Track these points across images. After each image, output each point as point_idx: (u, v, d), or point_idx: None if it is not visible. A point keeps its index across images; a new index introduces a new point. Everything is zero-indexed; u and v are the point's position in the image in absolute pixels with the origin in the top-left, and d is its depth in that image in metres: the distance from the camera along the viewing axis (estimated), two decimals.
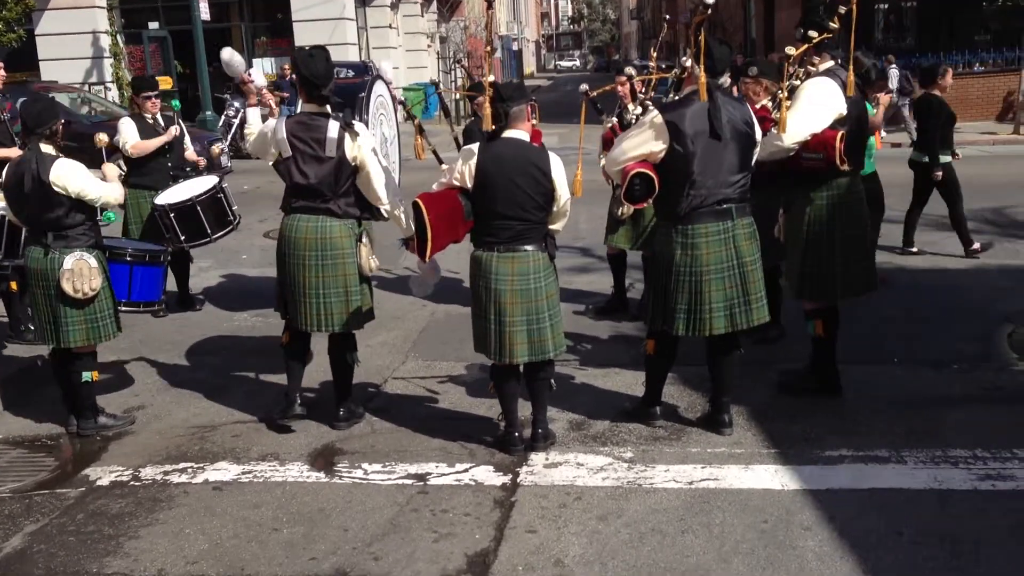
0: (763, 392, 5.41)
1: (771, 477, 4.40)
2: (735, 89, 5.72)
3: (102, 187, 5.02)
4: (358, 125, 4.89)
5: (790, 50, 5.02)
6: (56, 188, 4.83)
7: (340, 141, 4.79)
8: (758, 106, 5.33)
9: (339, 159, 4.80)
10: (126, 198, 7.21)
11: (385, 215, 5.04)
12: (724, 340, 4.81)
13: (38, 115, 5.00)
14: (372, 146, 4.91)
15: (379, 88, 5.64)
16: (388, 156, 5.62)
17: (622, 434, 4.96)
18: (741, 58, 16.62)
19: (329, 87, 4.84)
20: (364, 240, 4.95)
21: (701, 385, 5.44)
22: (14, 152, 5.87)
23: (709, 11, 4.48)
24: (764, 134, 4.87)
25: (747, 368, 5.42)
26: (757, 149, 4.76)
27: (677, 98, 4.78)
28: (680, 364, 5.20)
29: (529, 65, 70.14)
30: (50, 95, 9.96)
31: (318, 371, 5.54)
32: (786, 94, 4.93)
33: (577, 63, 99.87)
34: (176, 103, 7.16)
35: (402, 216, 5.03)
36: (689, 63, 4.62)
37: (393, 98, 7.09)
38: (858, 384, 5.44)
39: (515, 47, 55.87)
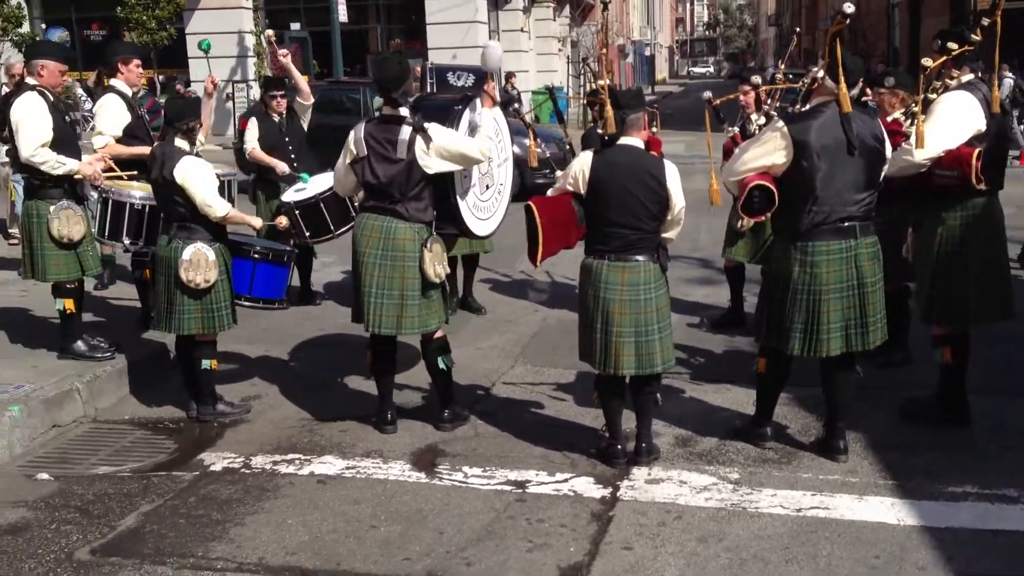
0: (883, 419, 5.17)
1: (886, 510, 4.19)
2: (870, 97, 5.51)
3: (213, 198, 5.11)
4: (434, 127, 4.87)
5: (926, 62, 4.79)
6: (177, 182, 5.03)
7: (411, 144, 4.80)
8: (889, 119, 5.10)
9: (409, 161, 4.81)
10: (257, 195, 7.49)
11: (480, 157, 5.03)
12: (841, 362, 4.61)
13: (180, 110, 5.23)
14: (443, 137, 4.87)
15: (484, 110, 5.66)
16: (492, 175, 5.64)
17: (729, 453, 4.82)
18: (882, 67, 16.00)
19: (401, 90, 4.85)
20: (429, 246, 4.91)
21: (816, 408, 5.24)
22: (147, 149, 6.13)
23: (847, 20, 4.30)
24: (894, 149, 4.66)
25: (867, 393, 5.19)
26: (886, 166, 4.55)
27: (804, 109, 4.61)
28: (794, 384, 5.02)
29: (661, 71, 69.43)
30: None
31: (424, 372, 5.58)
32: (921, 108, 4.69)
33: (711, 69, 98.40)
34: (305, 176, 7.24)
35: (486, 148, 5.04)
36: (820, 74, 4.44)
37: (513, 104, 7.08)
38: (987, 416, 5.13)
39: (647, 52, 55.40)
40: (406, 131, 4.81)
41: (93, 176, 5.84)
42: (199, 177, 5.08)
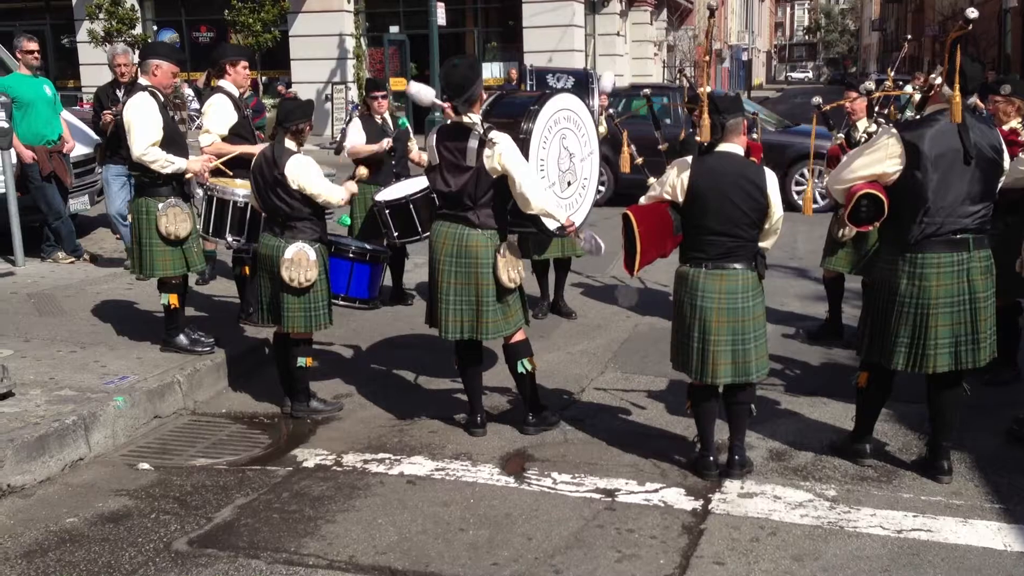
0: (990, 440, 4.95)
1: (993, 535, 4.00)
2: (981, 107, 5.30)
3: (327, 188, 5.27)
4: (498, 135, 4.79)
5: None
6: (288, 180, 5.14)
7: (479, 151, 4.77)
8: (1006, 128, 4.90)
9: (478, 169, 4.78)
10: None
11: (531, 211, 4.90)
12: (947, 378, 4.44)
13: (289, 111, 5.34)
14: (515, 154, 4.80)
15: (566, 102, 5.56)
16: (574, 171, 5.58)
17: (826, 470, 4.68)
18: (993, 74, 15.42)
19: (464, 98, 4.78)
20: (503, 251, 4.88)
21: (918, 425, 5.06)
22: (253, 148, 6.28)
23: (970, 27, 4.12)
24: (1011, 159, 4.46)
25: (974, 412, 4.99)
26: (1003, 177, 4.36)
27: (919, 117, 4.44)
28: (896, 400, 4.86)
29: (758, 76, 68.26)
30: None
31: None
32: None
33: (809, 75, 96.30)
34: (403, 121, 7.41)
35: (548, 209, 4.91)
36: (939, 81, 4.28)
37: (602, 110, 6.99)
38: None
39: (745, 57, 54.53)
40: (474, 138, 4.79)
41: (201, 171, 6.01)
42: (307, 172, 5.19)
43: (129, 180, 8.47)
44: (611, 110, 7.62)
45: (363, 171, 6.04)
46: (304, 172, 5.19)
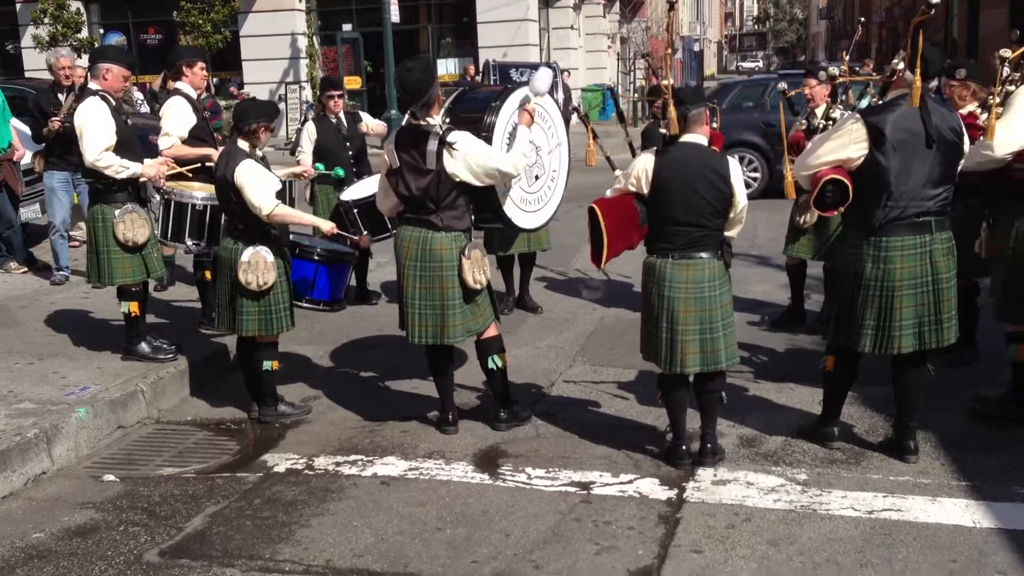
0: (955, 419, 5.03)
1: (962, 512, 4.07)
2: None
3: (262, 199, 5.04)
4: (456, 135, 4.75)
5: (1004, 53, 4.64)
6: (236, 184, 5.05)
7: (439, 154, 4.73)
8: (964, 112, 4.97)
9: (439, 172, 4.75)
10: (316, 194, 7.53)
11: (514, 172, 4.89)
12: (911, 359, 4.50)
13: (242, 112, 5.25)
14: (472, 148, 4.76)
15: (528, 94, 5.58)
16: (541, 165, 5.58)
17: (796, 454, 4.72)
18: (948, 60, 15.64)
19: (421, 103, 4.74)
20: (468, 253, 4.85)
21: (884, 407, 5.12)
22: (213, 151, 6.19)
23: (932, 11, 4.17)
24: (971, 142, 4.53)
25: (936, 392, 5.06)
26: (963, 160, 4.43)
27: (882, 102, 4.49)
28: (861, 383, 4.92)
29: (710, 66, 68.73)
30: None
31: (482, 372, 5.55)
32: (998, 100, 4.55)
33: (760, 64, 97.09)
34: (339, 170, 7.26)
35: (520, 163, 4.90)
36: (900, 66, 4.32)
37: (567, 102, 7.02)
38: None
39: (696, 48, 54.87)
40: (433, 141, 4.74)
41: (156, 177, 5.91)
42: (253, 176, 5.06)
43: (75, 187, 8.33)
44: (575, 104, 7.63)
45: (328, 226, 5.51)
46: (246, 175, 5.05)
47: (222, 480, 4.66)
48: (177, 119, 6.40)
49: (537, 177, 5.76)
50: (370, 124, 7.82)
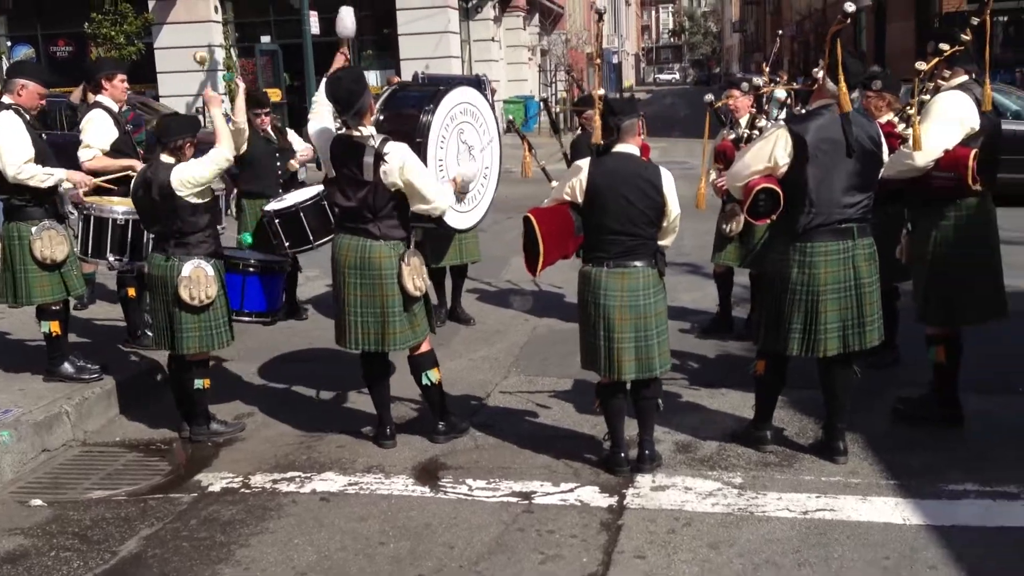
0: (879, 420, 5.19)
1: (891, 510, 4.20)
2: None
3: (209, 166, 5.02)
4: (392, 146, 4.74)
5: (920, 65, 4.82)
6: (178, 192, 4.95)
7: (376, 166, 4.72)
8: (882, 121, 5.14)
9: (376, 183, 4.74)
10: (243, 205, 7.41)
11: (437, 214, 4.97)
12: (838, 362, 4.64)
13: (165, 127, 5.15)
14: (412, 162, 4.78)
15: (461, 96, 5.60)
16: (475, 160, 5.61)
17: (731, 458, 4.82)
18: None
19: (352, 112, 4.71)
20: (407, 260, 4.85)
21: (813, 410, 5.26)
22: (136, 163, 6.06)
23: (848, 20, 4.32)
24: (890, 151, 4.69)
25: (862, 394, 5.21)
26: (882, 168, 4.59)
27: (804, 111, 4.63)
28: (791, 387, 5.03)
29: (628, 78, 69.75)
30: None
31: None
32: (916, 109, 4.73)
33: (677, 76, 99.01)
34: (246, 236, 7.27)
35: (447, 201, 5.00)
36: (821, 75, 4.47)
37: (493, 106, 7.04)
38: (981, 414, 5.18)
39: (615, 60, 55.65)
40: (370, 152, 4.72)
41: (82, 182, 5.76)
42: (192, 169, 4.98)
43: None
44: (509, 117, 7.67)
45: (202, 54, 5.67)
46: (187, 172, 4.96)
47: (155, 502, 4.55)
48: (98, 132, 6.25)
49: None
50: (299, 151, 7.71)
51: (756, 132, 5.78)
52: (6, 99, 5.66)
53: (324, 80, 5.01)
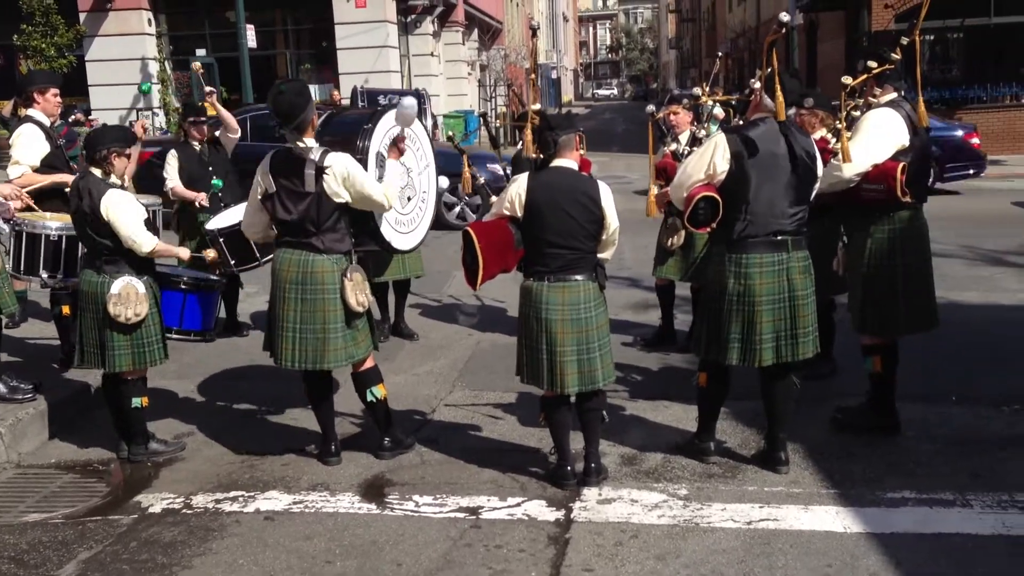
0: (819, 429, 5.29)
1: (832, 519, 4.28)
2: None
3: (140, 233, 4.92)
4: (333, 156, 4.74)
5: (847, 80, 4.96)
6: (101, 215, 4.86)
7: (318, 176, 4.70)
8: (816, 137, 5.26)
9: (319, 194, 4.71)
10: (180, 222, 7.30)
11: (385, 204, 4.96)
12: (777, 373, 4.72)
13: (91, 139, 5.06)
14: (355, 169, 4.78)
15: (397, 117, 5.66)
16: (412, 186, 5.61)
17: (675, 470, 4.87)
18: None
19: (294, 125, 4.68)
20: (349, 275, 4.82)
21: (754, 421, 5.34)
22: (68, 177, 5.94)
23: (783, 30, 4.43)
24: (824, 165, 4.81)
25: (802, 404, 5.28)
26: (817, 183, 4.69)
27: (742, 123, 4.72)
28: (732, 399, 5.11)
29: (567, 93, 70.37)
30: None
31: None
32: (845, 124, 4.86)
33: (615, 91, 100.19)
34: (218, 182, 7.27)
35: (394, 195, 5.01)
36: (757, 85, 4.57)
37: (431, 127, 7.10)
38: (916, 423, 5.32)
39: (554, 75, 56.09)
40: (311, 165, 4.69)
41: (12, 195, 5.62)
42: (125, 211, 4.90)
43: None
44: (449, 132, 7.67)
45: (211, 254, 5.56)
46: (118, 209, 4.88)
47: (93, 524, 4.44)
48: (28, 147, 6.11)
49: (409, 199, 5.79)
50: (223, 115, 7.59)
51: (696, 147, 5.88)
52: None
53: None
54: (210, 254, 5.53)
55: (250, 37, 19.53)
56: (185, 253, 5.40)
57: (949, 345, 6.63)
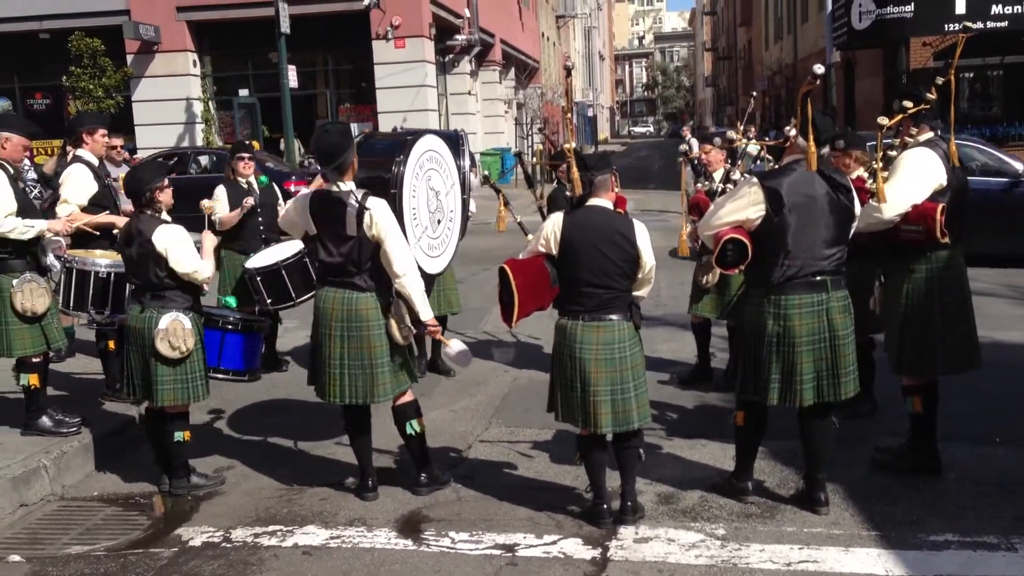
0: (859, 470, 5.24)
1: (873, 561, 4.23)
2: None
3: (196, 263, 5.09)
4: (374, 201, 4.81)
5: (883, 120, 4.96)
6: (157, 249, 4.99)
7: (359, 220, 4.76)
8: (852, 177, 5.26)
9: (360, 237, 4.78)
10: (222, 259, 7.43)
11: (398, 287, 4.90)
12: (816, 412, 4.69)
13: (130, 186, 5.20)
14: (390, 222, 4.83)
15: (427, 143, 5.73)
16: (441, 208, 5.69)
17: (713, 509, 4.84)
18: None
19: (334, 165, 4.74)
20: (393, 310, 4.88)
21: (792, 460, 5.30)
22: (115, 218, 6.08)
23: (817, 81, 4.47)
24: (861, 205, 4.81)
25: (841, 444, 5.26)
26: (855, 223, 4.69)
27: (777, 167, 4.74)
28: (770, 438, 5.08)
29: (603, 131, 70.69)
30: None
31: (398, 434, 5.52)
32: (881, 165, 4.86)
33: (651, 129, 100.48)
34: (264, 179, 7.48)
35: (412, 294, 4.87)
36: (793, 132, 4.59)
37: (469, 167, 7.15)
38: (959, 464, 5.24)
39: (590, 113, 56.42)
40: (352, 207, 4.76)
41: (63, 231, 5.77)
42: (179, 242, 5.03)
43: None
44: (485, 172, 7.76)
45: (207, 204, 5.72)
46: (172, 243, 5.02)
47: (135, 557, 4.50)
48: (76, 187, 6.25)
49: (439, 221, 5.87)
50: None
51: (730, 186, 5.90)
52: None
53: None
54: (206, 204, 5.70)
55: (292, 77, 19.90)
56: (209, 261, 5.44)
57: (993, 385, 6.55)
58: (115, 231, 5.88)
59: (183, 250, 5.04)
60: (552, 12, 46.27)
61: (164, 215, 5.19)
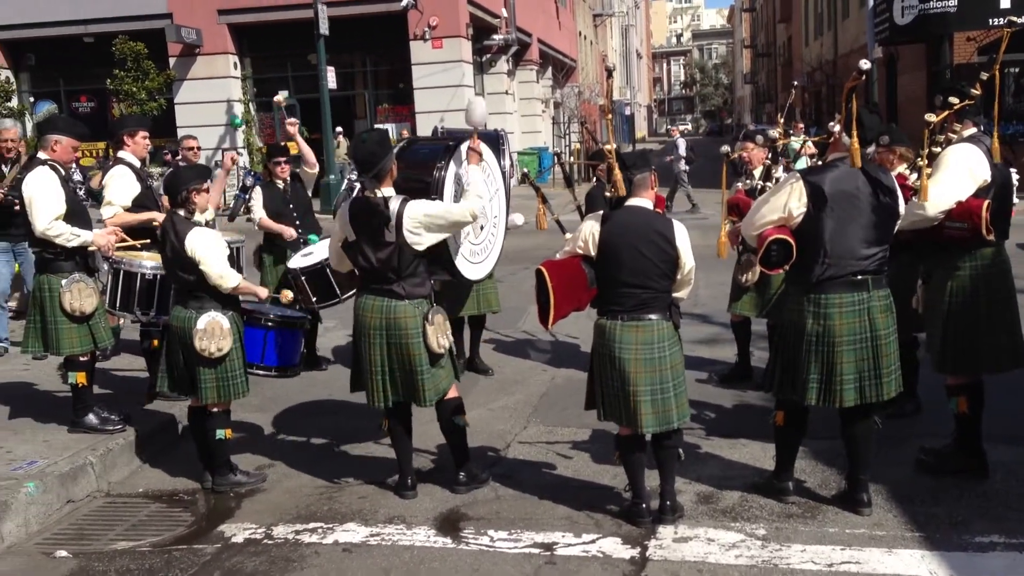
0: (902, 470, 5.17)
1: (917, 563, 4.17)
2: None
3: (224, 270, 5.12)
4: (412, 204, 4.83)
5: (930, 117, 4.90)
6: (187, 252, 5.05)
7: (399, 226, 4.78)
8: (895, 173, 5.19)
9: (399, 243, 4.80)
10: (263, 260, 7.52)
11: (474, 217, 4.96)
12: (858, 412, 4.63)
13: (168, 186, 5.28)
14: (430, 210, 4.86)
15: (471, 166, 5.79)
16: (485, 214, 5.71)
17: (753, 509, 4.80)
18: None
19: (373, 172, 4.77)
20: (431, 319, 4.90)
21: (834, 460, 5.24)
22: (156, 215, 6.17)
23: (863, 77, 4.41)
24: (904, 202, 4.75)
25: (884, 444, 5.20)
26: (899, 220, 4.63)
27: (820, 163, 4.69)
28: (811, 438, 5.03)
29: (641, 129, 70.44)
30: None
31: (437, 434, 5.55)
32: (926, 161, 4.79)
33: (689, 127, 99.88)
34: (313, 237, 7.57)
35: (475, 207, 4.95)
36: (837, 128, 4.54)
37: (510, 166, 7.16)
38: (1006, 465, 5.15)
39: (627, 111, 56.22)
40: (392, 213, 4.79)
41: (107, 247, 5.87)
42: (209, 248, 5.09)
43: (15, 257, 8.24)
44: (524, 169, 7.77)
45: (288, 295, 5.68)
46: (202, 246, 5.07)
47: (179, 553, 4.57)
48: (120, 188, 6.35)
49: (483, 227, 5.86)
50: (302, 148, 7.85)
51: (770, 184, 5.85)
52: (41, 155, 5.81)
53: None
54: (288, 295, 5.66)
55: (330, 79, 20.06)
56: (263, 292, 5.56)
57: None
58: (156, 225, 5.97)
59: (213, 256, 5.09)
60: (589, 11, 46.14)
61: (197, 216, 5.26)
